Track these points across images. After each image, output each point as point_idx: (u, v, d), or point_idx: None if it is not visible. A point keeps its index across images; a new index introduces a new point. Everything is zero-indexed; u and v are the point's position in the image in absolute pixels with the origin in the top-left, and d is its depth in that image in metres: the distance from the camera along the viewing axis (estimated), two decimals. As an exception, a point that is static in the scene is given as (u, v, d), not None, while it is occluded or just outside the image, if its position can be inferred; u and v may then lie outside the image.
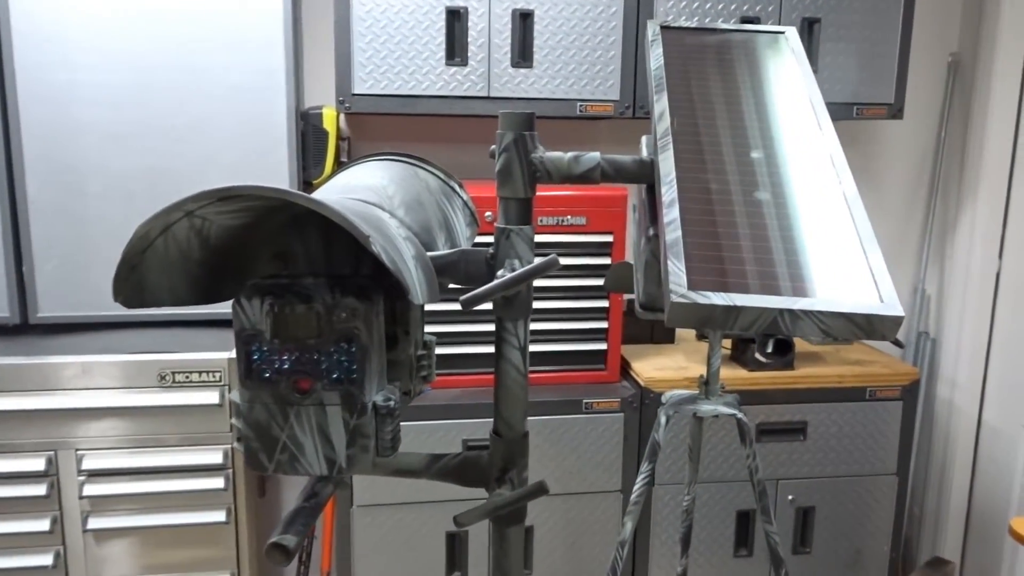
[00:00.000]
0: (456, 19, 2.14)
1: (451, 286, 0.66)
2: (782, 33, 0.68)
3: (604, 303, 2.18)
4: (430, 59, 2.14)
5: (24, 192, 2.08)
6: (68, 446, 2.04)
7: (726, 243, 0.47)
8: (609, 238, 2.15)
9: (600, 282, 2.18)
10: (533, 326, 2.15)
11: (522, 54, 2.17)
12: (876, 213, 2.74)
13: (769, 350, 0.48)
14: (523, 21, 2.16)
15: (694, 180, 0.52)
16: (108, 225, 2.10)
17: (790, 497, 2.23)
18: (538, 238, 2.13)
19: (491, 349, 2.14)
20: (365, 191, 0.64)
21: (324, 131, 2.28)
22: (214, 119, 2.09)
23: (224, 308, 2.17)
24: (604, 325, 2.19)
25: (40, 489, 1.99)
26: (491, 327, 2.13)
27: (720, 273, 0.45)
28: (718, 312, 0.42)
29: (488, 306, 2.12)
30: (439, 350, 2.12)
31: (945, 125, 2.68)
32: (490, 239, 2.10)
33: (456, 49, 2.15)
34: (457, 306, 2.10)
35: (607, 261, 2.17)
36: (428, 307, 2.10)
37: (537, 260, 0.56)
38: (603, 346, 2.19)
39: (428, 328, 2.10)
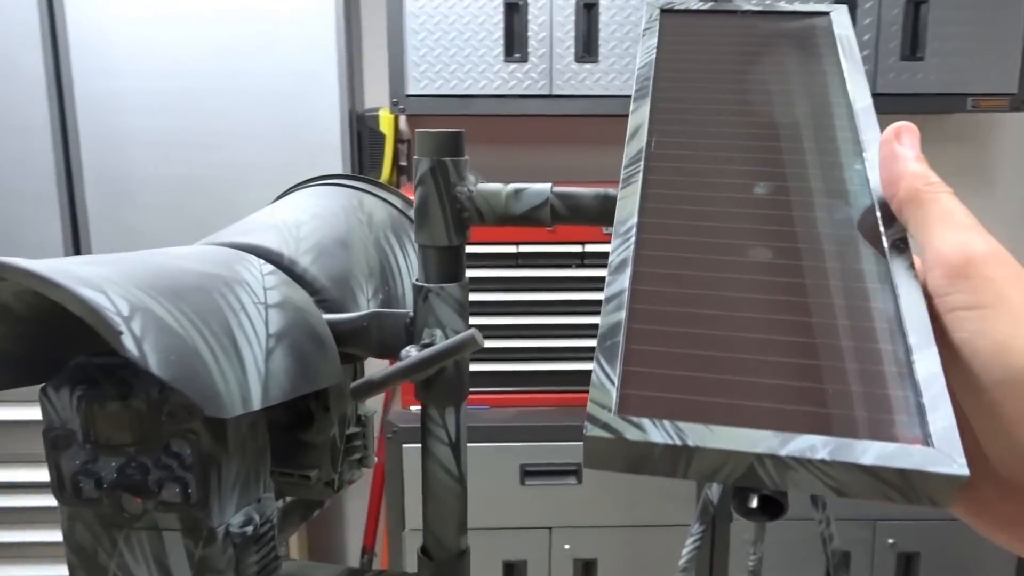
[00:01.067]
0: (515, 12, 1.99)
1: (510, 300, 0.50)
2: (826, 15, 0.50)
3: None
4: (487, 56, 2.00)
5: (84, 203, 2.07)
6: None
7: (695, 334, 0.31)
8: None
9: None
10: (578, 343, 1.98)
11: (586, 48, 2.01)
12: (991, 223, 2.43)
13: (753, 504, 0.32)
14: (587, 12, 1.99)
15: (667, 229, 0.36)
16: (158, 236, 2.06)
17: (890, 541, 1.99)
18: (559, 248, 1.95)
19: (552, 366, 1.99)
20: (267, 231, 0.50)
21: (380, 134, 2.18)
22: (260, 124, 2.01)
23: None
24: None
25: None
26: (552, 342, 1.98)
27: (676, 385, 0.29)
28: (657, 454, 0.27)
29: (544, 317, 1.97)
30: (494, 367, 1.98)
31: (1079, 115, 2.35)
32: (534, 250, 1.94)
33: (515, 45, 2.01)
34: (514, 319, 1.96)
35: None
36: (475, 321, 1.96)
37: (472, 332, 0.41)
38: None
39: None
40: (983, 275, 0.31)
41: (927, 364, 0.29)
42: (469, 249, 1.60)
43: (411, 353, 0.40)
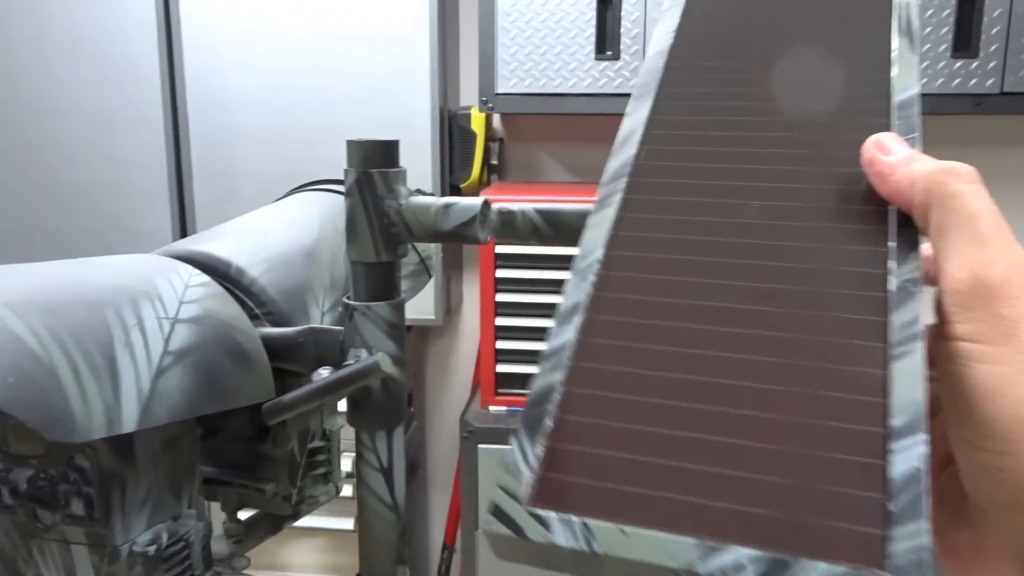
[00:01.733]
0: (607, 9, 1.94)
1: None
2: None
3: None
4: (578, 54, 1.96)
5: (192, 197, 2.17)
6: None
7: (640, 403, 0.26)
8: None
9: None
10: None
11: (682, 44, 1.93)
12: None
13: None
14: (684, 7, 1.91)
15: (640, 265, 0.31)
16: (257, 228, 2.14)
17: None
18: None
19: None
20: (227, 238, 0.50)
21: (472, 132, 2.18)
22: (357, 121, 2.06)
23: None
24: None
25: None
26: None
27: (605, 469, 0.25)
28: (565, 557, 0.23)
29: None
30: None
31: None
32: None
33: (607, 42, 1.96)
34: (595, 324, 1.92)
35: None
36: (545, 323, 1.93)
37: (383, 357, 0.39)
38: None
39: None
40: (993, 310, 0.26)
41: (908, 457, 0.23)
42: (552, 250, 1.56)
43: (322, 375, 0.38)
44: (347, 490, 1.97)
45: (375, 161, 0.39)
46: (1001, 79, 1.87)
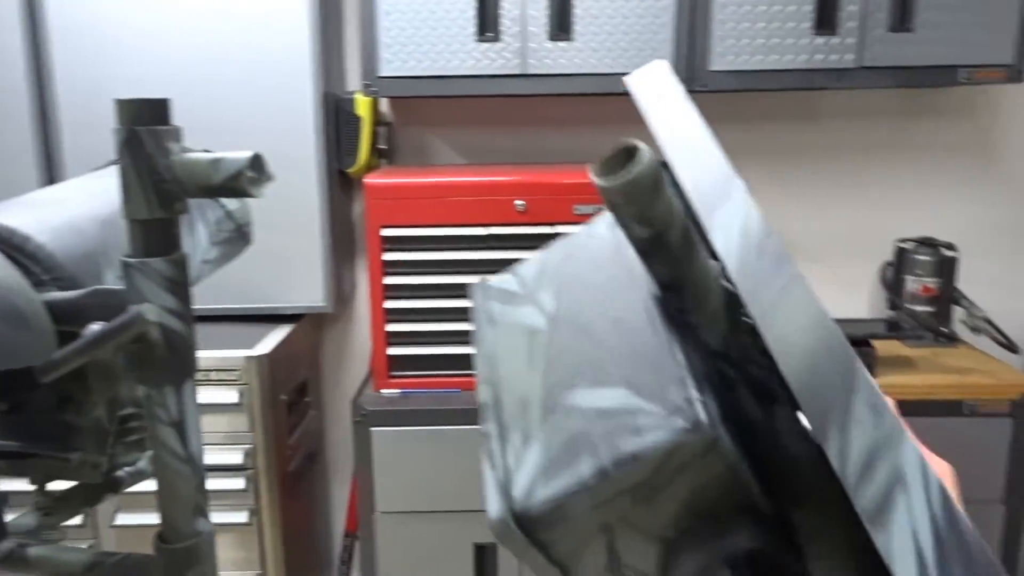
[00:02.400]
0: (487, -10, 1.95)
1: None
2: None
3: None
4: (459, 35, 1.97)
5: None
6: (105, 439, 2.04)
7: None
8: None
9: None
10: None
11: (560, 25, 1.97)
12: (992, 203, 2.33)
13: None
14: (560, -12, 1.95)
15: None
16: (137, 219, 2.08)
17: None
18: (530, 230, 1.91)
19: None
20: (19, 208, 0.49)
21: (357, 117, 2.17)
22: (242, 108, 2.02)
23: (244, 304, 2.11)
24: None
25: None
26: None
27: None
28: None
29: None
30: (464, 350, 1.96)
31: (1086, 87, 2.24)
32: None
33: (488, 23, 1.97)
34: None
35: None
36: (449, 303, 1.95)
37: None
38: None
39: (451, 326, 1.95)
40: None
41: None
42: (438, 231, 1.56)
43: (92, 330, 0.39)
44: (240, 483, 1.95)
45: (143, 119, 0.40)
46: (860, 54, 1.98)
